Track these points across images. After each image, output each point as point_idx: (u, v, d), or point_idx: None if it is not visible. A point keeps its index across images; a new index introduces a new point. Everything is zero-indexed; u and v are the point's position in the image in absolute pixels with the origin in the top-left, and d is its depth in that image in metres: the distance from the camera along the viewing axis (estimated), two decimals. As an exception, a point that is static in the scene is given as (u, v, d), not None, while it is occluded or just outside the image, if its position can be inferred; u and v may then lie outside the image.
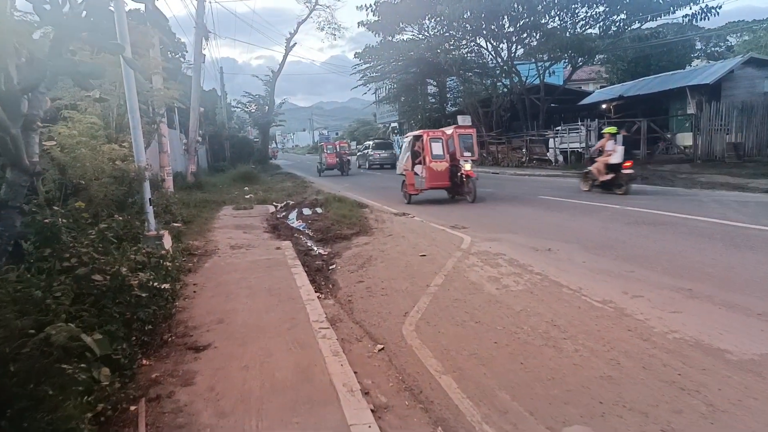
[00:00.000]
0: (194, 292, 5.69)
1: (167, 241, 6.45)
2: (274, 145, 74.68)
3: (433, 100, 37.39)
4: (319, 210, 13.16)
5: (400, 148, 17.97)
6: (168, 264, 4.89)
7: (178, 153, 21.68)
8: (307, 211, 13.15)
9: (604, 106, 29.72)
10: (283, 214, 13.11)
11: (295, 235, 9.89)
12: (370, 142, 37.05)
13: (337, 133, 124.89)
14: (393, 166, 26.81)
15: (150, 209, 6.49)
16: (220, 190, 18.96)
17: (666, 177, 18.10)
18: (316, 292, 5.81)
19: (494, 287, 5.52)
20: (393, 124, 60.71)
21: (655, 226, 8.36)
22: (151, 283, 3.95)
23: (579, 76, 33.29)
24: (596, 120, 22.41)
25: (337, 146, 30.68)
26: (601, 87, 36.55)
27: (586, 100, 31.34)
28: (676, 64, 32.28)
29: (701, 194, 12.41)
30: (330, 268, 7.04)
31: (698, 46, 40.69)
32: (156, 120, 13.36)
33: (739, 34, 42.18)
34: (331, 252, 8.09)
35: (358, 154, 38.65)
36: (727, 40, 44.81)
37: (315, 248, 8.57)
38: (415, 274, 6.26)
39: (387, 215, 11.39)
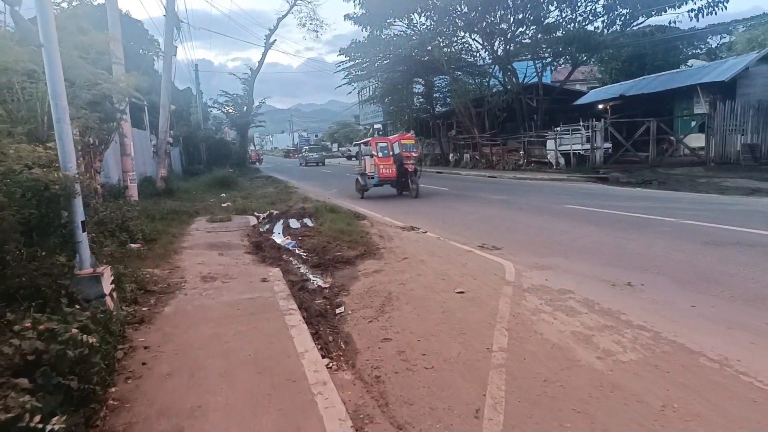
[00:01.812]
0: (143, 364, 3.79)
1: (107, 282, 4.53)
2: (253, 147, 72.13)
3: (422, 100, 35.65)
4: (309, 222, 11.27)
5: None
6: (93, 341, 2.99)
7: (147, 156, 19.64)
8: (294, 224, 11.25)
9: (600, 106, 28.38)
10: (267, 227, 11.19)
11: (284, 256, 8.00)
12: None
13: (316, 135, 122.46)
14: (322, 164, 46.10)
15: (83, 237, 4.56)
16: (193, 197, 16.93)
17: (683, 181, 16.70)
18: (324, 355, 4.00)
19: (592, 354, 3.74)
20: (377, 126, 59.00)
21: (746, 248, 6.69)
22: (29, 418, 2.04)
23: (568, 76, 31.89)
24: (602, 120, 20.94)
25: (394, 146, 15.73)
26: (588, 88, 35.26)
27: (581, 100, 29.99)
28: (671, 64, 31.16)
29: (751, 202, 10.88)
30: (337, 312, 5.18)
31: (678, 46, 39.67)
32: (116, 117, 11.35)
33: (720, 36, 41.36)
34: (334, 284, 6.23)
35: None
36: (708, 43, 44.11)
37: (311, 278, 6.70)
38: (462, 326, 4.44)
39: (392, 229, 9.57)
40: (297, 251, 8.42)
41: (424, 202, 14.24)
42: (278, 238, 9.73)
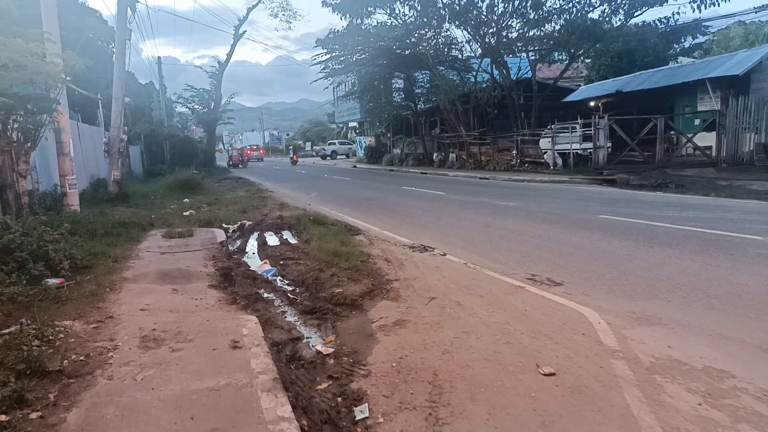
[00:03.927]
0: None
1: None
2: (222, 146, 69.02)
3: (403, 96, 33.61)
4: (290, 238, 9.18)
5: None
6: None
7: (101, 156, 17.23)
8: (273, 240, 9.14)
9: (592, 103, 26.96)
10: (238, 243, 9.07)
11: (262, 292, 5.94)
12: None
13: (288, 134, 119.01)
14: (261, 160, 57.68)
15: None
16: (151, 203, 14.65)
17: (700, 183, 15.19)
18: None
19: None
20: (352, 124, 56.93)
21: None
22: None
23: (551, 74, 30.29)
24: (605, 116, 19.37)
25: None
26: (575, 85, 33.90)
27: (572, 97, 28.54)
28: (662, 60, 30.00)
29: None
30: (357, 416, 3.13)
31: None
32: (47, 108, 9.09)
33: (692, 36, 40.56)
34: (340, 348, 4.18)
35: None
36: (682, 42, 43.42)
37: (304, 334, 4.65)
38: (596, 467, 2.49)
39: (399, 249, 7.55)
40: (279, 283, 6.35)
41: (425, 210, 12.25)
42: (253, 261, 7.62)
